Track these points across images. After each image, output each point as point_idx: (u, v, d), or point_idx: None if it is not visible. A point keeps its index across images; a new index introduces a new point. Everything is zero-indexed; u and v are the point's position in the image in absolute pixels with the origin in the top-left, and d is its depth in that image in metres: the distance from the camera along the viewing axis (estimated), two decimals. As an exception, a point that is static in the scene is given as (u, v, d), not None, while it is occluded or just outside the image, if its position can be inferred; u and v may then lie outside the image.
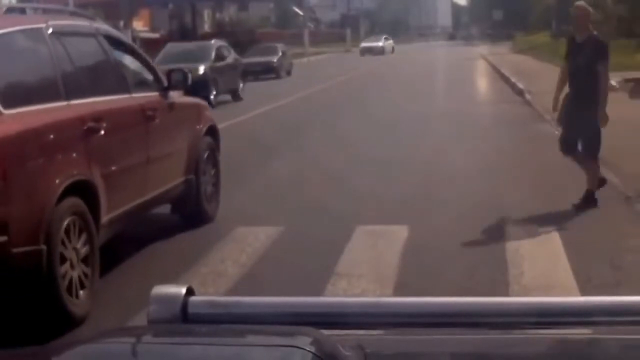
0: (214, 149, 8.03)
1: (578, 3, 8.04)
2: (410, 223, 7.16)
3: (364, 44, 64.89)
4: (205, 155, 7.75)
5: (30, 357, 1.28)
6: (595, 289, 5.25)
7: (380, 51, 61.57)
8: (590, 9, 7.97)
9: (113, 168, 5.88)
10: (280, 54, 34.65)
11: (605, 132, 7.78)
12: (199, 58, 21.42)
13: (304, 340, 1.12)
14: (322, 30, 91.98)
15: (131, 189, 6.29)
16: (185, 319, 1.25)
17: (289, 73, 35.04)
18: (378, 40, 66.51)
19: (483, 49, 57.56)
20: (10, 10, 6.32)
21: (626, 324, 1.25)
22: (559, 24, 47.38)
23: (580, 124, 7.70)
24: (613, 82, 19.89)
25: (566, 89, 8.03)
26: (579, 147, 7.85)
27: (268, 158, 11.15)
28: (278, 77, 33.00)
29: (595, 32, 7.98)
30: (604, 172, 9.29)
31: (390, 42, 67.28)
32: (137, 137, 6.50)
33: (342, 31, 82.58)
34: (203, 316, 1.26)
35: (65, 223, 5.07)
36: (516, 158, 10.99)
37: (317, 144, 12.89)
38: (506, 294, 5.22)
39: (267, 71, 32.88)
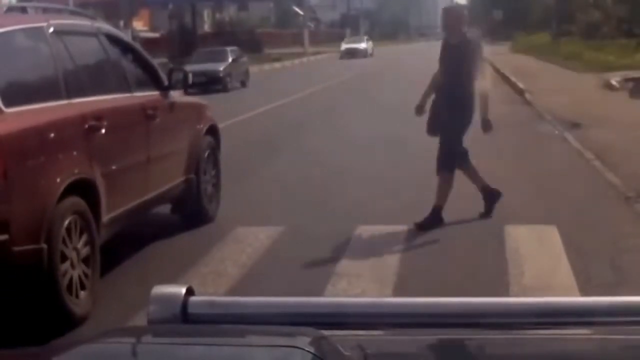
0: (215, 149, 8.03)
1: (448, 5, 7.61)
2: (410, 222, 7.15)
3: (345, 46, 57.34)
4: (206, 154, 7.75)
5: (30, 357, 1.28)
6: (595, 289, 5.25)
7: (364, 54, 54.48)
8: (464, 10, 7.49)
9: (114, 167, 5.88)
10: (229, 60, 27.33)
11: (606, 132, 7.78)
12: None
13: (304, 340, 1.12)
14: (322, 30, 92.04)
15: (132, 188, 6.29)
16: (185, 319, 1.26)
17: (243, 84, 28.09)
18: (360, 42, 59.00)
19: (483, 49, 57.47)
20: (11, 9, 6.32)
21: (626, 324, 1.25)
22: (559, 24, 47.41)
23: (445, 129, 7.21)
24: (613, 82, 19.99)
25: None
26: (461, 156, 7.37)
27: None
28: (225, 90, 25.77)
29: (468, 34, 7.47)
30: (604, 171, 9.32)
31: (370, 43, 59.98)
32: (138, 137, 6.50)
33: (342, 31, 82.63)
34: (203, 316, 1.27)
35: (66, 222, 5.07)
36: (516, 157, 10.98)
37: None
38: (506, 294, 5.22)
39: (212, 82, 25.63)
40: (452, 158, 7.29)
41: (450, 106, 7.14)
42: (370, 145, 12.19)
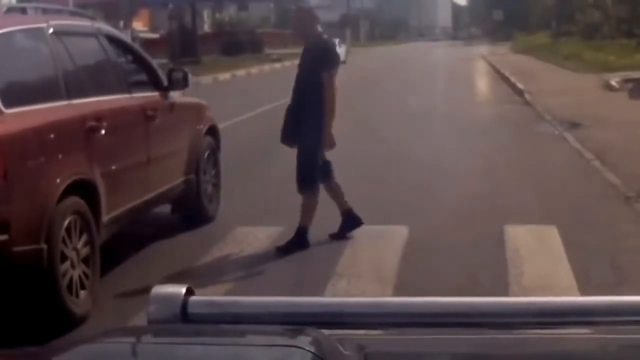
0: (215, 149, 8.03)
1: (298, 6, 7.26)
2: (410, 223, 7.16)
3: None
4: (206, 155, 7.75)
5: (30, 357, 1.28)
6: (595, 289, 5.25)
7: None
8: (313, 11, 6.97)
9: (114, 167, 5.88)
10: None
11: (606, 132, 7.76)
12: None
13: (304, 340, 1.12)
14: (322, 30, 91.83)
15: (132, 189, 6.29)
16: (185, 319, 1.26)
17: None
18: None
19: (483, 49, 57.52)
20: (11, 10, 6.32)
21: (626, 324, 1.25)
22: (559, 24, 47.42)
23: (299, 142, 6.63)
24: (612, 82, 19.99)
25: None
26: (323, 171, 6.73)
27: None
28: None
29: (325, 36, 6.90)
30: (604, 171, 9.32)
31: (344, 48, 47.80)
32: (138, 137, 6.50)
33: (342, 31, 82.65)
34: (203, 316, 1.27)
35: (66, 222, 5.07)
36: (516, 157, 10.99)
37: None
38: (506, 294, 5.22)
39: None
40: (312, 174, 6.64)
41: (303, 115, 6.53)
42: (366, 146, 12.21)
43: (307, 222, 6.63)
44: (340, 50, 35.61)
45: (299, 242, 6.56)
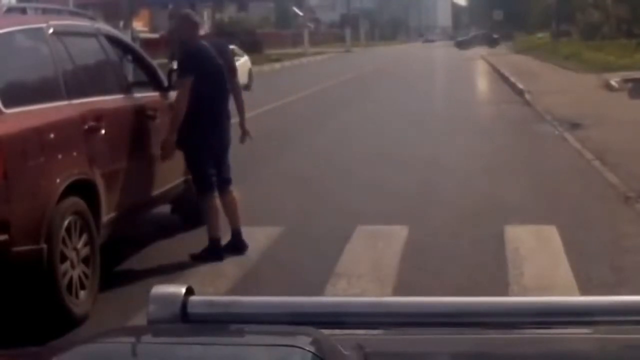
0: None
1: (183, 13, 6.89)
2: (410, 223, 7.15)
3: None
4: (206, 155, 7.73)
5: (30, 357, 1.28)
6: (595, 289, 5.26)
7: None
8: (194, 16, 6.79)
9: (114, 167, 5.88)
10: None
11: (606, 132, 7.76)
12: None
13: (304, 340, 1.12)
14: (322, 30, 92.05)
15: (132, 189, 6.29)
16: (184, 318, 1.26)
17: None
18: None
19: (482, 49, 57.53)
20: (11, 10, 6.31)
21: (626, 324, 1.25)
22: (559, 24, 47.44)
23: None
24: (612, 82, 20.00)
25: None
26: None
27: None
28: None
29: (201, 42, 6.54)
30: (604, 171, 9.32)
31: (245, 60, 26.44)
32: (138, 137, 6.50)
33: (342, 31, 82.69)
34: (203, 316, 1.27)
35: (66, 222, 5.07)
36: (516, 158, 10.99)
37: None
38: (506, 294, 5.22)
39: None
40: (202, 177, 6.54)
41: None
42: (366, 146, 12.21)
43: (216, 232, 6.46)
44: (242, 61, 23.54)
45: (213, 252, 6.39)
